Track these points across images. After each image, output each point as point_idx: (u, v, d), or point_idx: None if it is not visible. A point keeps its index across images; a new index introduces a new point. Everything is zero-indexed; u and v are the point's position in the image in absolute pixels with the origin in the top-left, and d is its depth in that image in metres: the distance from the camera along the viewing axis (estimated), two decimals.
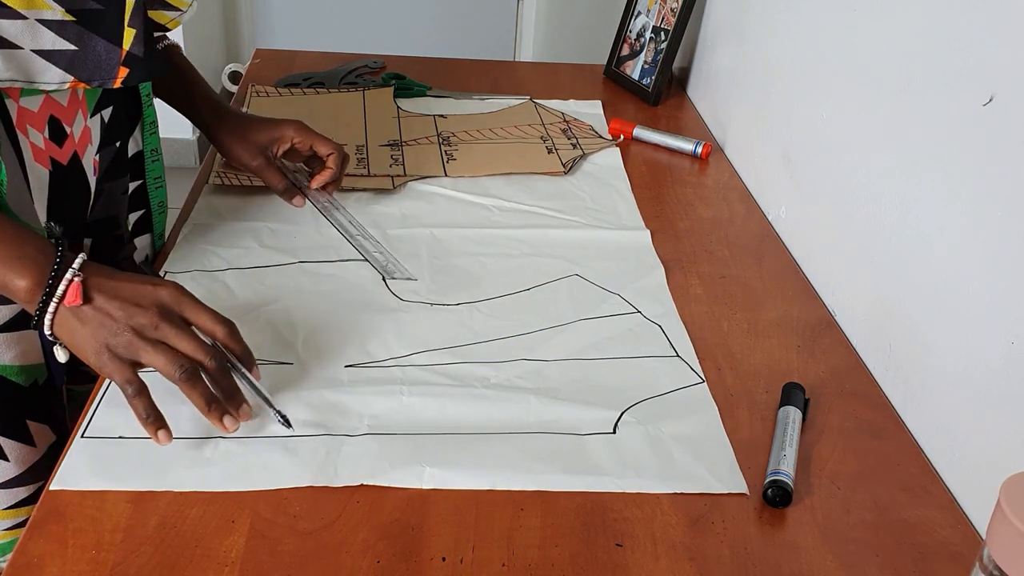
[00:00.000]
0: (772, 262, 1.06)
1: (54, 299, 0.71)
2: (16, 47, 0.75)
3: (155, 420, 0.72)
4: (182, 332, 0.73)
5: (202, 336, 0.74)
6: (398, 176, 1.17)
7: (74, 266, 0.72)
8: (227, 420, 0.73)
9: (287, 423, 0.75)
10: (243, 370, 0.76)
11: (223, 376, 0.74)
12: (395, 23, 3.43)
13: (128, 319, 0.72)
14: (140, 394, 0.72)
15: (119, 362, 0.72)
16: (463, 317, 0.91)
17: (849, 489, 0.74)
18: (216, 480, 0.70)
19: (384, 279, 0.94)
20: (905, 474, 0.76)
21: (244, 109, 1.34)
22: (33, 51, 0.76)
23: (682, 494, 0.72)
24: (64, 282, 0.71)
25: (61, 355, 0.74)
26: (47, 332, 0.72)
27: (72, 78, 0.79)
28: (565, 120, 1.39)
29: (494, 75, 1.58)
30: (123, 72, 0.81)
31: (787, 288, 1.01)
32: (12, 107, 0.79)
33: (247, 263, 0.97)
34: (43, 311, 0.72)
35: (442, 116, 1.37)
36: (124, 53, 0.81)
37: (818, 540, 0.69)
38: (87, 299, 0.72)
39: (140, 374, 0.72)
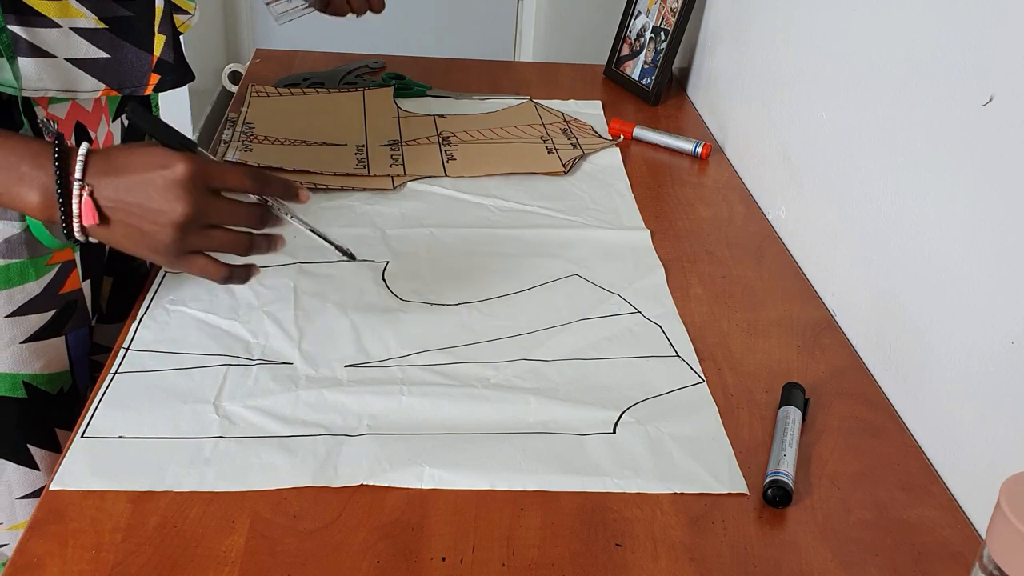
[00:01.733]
0: (772, 262, 1.06)
1: (74, 220, 0.67)
2: (51, 55, 0.75)
3: (242, 275, 0.75)
4: (223, 207, 0.70)
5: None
6: (398, 176, 1.17)
7: (76, 178, 0.67)
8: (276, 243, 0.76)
9: (351, 256, 0.81)
10: (288, 211, 0.76)
11: (267, 218, 0.74)
12: (395, 23, 3.42)
13: (165, 222, 0.68)
14: (228, 279, 0.74)
15: (182, 260, 0.70)
16: (463, 317, 0.91)
17: (849, 489, 0.74)
18: (216, 480, 0.70)
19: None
20: (905, 474, 0.76)
21: (244, 109, 1.34)
22: (67, 59, 0.76)
23: (682, 494, 0.72)
24: (75, 201, 0.67)
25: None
26: (83, 241, 0.69)
27: (104, 86, 0.79)
28: (565, 120, 1.39)
29: (494, 75, 1.58)
30: (154, 79, 0.81)
31: (787, 288, 1.01)
32: (40, 114, 0.79)
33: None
34: (68, 227, 0.68)
35: (442, 116, 1.37)
36: (155, 60, 0.81)
37: (818, 540, 0.69)
38: (103, 216, 0.68)
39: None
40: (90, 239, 0.70)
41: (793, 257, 1.07)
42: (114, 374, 0.80)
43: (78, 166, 0.67)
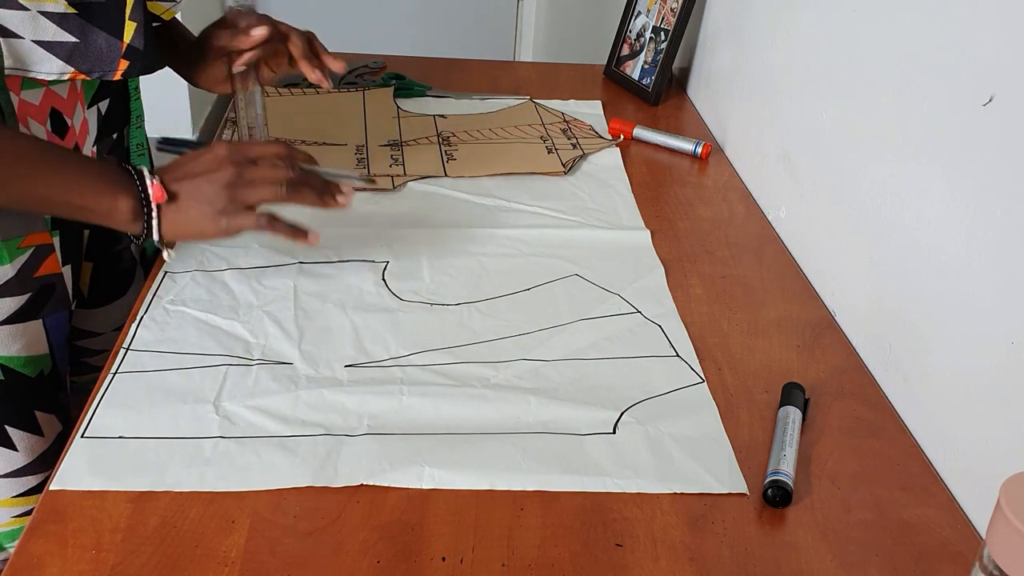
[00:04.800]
0: (772, 262, 1.06)
1: (153, 204, 0.79)
2: (17, 36, 0.76)
3: (295, 230, 0.85)
4: (259, 167, 0.82)
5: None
6: (398, 176, 1.17)
7: (146, 171, 0.80)
8: (340, 198, 0.86)
9: (371, 180, 1.02)
10: (311, 167, 0.88)
11: (307, 176, 0.85)
12: (395, 23, 3.43)
13: (217, 184, 0.80)
14: (274, 221, 0.84)
15: (238, 216, 0.81)
16: (463, 317, 0.91)
17: (849, 489, 0.74)
18: (216, 480, 0.70)
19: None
20: (905, 474, 0.76)
21: None
22: (34, 41, 0.77)
23: (682, 494, 0.72)
24: (150, 187, 0.79)
25: (169, 255, 0.84)
26: (157, 239, 0.80)
27: (72, 69, 0.80)
28: (565, 120, 1.39)
29: (494, 75, 1.58)
30: (123, 64, 0.82)
31: (787, 288, 1.01)
32: (14, 100, 0.79)
33: (247, 263, 0.97)
34: (149, 221, 0.79)
35: (442, 116, 1.37)
36: (124, 46, 0.81)
37: (818, 540, 0.69)
38: (170, 192, 0.79)
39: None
40: (159, 239, 0.80)
41: (793, 257, 1.07)
42: (114, 374, 0.80)
43: (147, 174, 0.80)
